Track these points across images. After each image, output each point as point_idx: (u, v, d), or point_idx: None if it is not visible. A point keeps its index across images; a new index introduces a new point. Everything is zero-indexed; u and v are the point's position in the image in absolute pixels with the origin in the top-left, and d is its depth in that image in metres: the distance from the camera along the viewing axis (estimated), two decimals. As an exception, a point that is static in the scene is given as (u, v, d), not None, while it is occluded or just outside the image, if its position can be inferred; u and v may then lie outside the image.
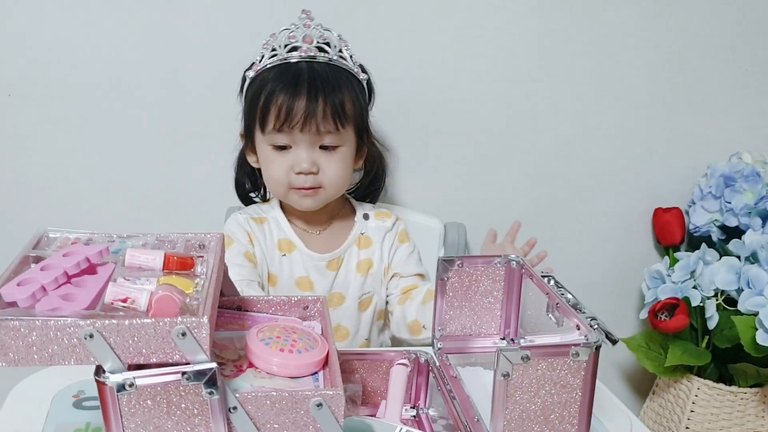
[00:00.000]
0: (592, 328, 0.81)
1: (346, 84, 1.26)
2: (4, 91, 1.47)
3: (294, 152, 1.26)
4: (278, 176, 1.28)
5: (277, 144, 1.26)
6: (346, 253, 1.37)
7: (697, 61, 1.72)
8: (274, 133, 1.24)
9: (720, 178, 1.69)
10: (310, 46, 1.24)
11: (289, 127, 1.22)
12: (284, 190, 1.29)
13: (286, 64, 1.24)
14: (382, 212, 1.42)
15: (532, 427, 0.80)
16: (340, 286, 1.36)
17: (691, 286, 1.63)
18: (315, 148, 1.26)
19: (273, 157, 1.27)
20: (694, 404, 1.68)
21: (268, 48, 1.26)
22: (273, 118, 1.22)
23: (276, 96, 1.22)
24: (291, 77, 1.22)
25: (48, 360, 0.66)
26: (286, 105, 1.21)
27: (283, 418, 0.73)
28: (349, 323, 1.37)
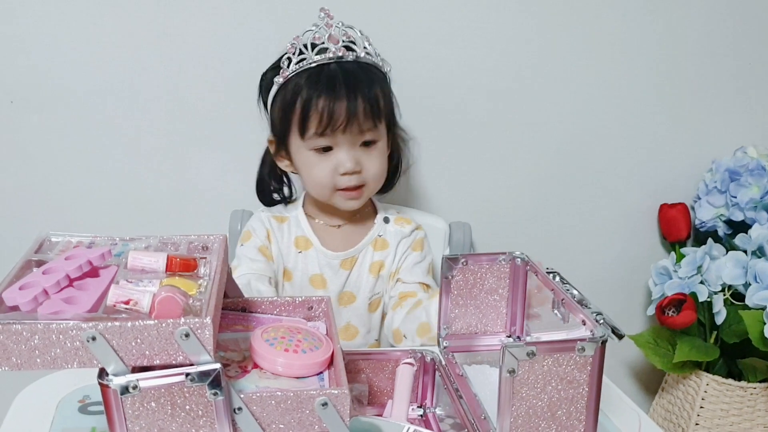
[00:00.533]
0: (598, 322, 0.81)
1: (376, 80, 1.26)
2: (6, 97, 1.47)
3: (336, 153, 1.26)
4: (323, 179, 1.27)
5: (319, 147, 1.26)
6: (360, 253, 1.36)
7: (700, 56, 1.71)
8: (315, 137, 1.24)
9: (725, 173, 1.69)
10: (337, 46, 1.23)
11: (332, 131, 1.22)
12: (329, 192, 1.29)
13: (317, 67, 1.23)
14: (403, 218, 1.42)
15: (539, 423, 0.80)
16: (352, 285, 1.35)
17: (698, 281, 1.62)
18: (356, 146, 1.27)
19: (316, 161, 1.27)
20: (704, 400, 1.67)
21: (294, 51, 1.24)
22: (314, 124, 1.22)
23: (315, 101, 1.21)
24: (326, 80, 1.22)
25: (51, 363, 0.66)
26: (328, 109, 1.21)
27: (289, 418, 0.73)
28: (358, 322, 1.37)
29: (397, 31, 1.55)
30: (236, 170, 1.54)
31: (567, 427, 0.81)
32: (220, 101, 1.54)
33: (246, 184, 1.51)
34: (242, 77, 1.50)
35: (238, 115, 1.53)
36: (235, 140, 1.55)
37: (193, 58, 1.51)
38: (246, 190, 1.54)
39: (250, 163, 1.43)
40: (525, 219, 1.74)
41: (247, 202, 1.54)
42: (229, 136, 1.55)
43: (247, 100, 1.48)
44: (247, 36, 1.51)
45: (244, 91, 1.51)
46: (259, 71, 1.43)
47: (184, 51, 1.50)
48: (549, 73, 1.65)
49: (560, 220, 1.76)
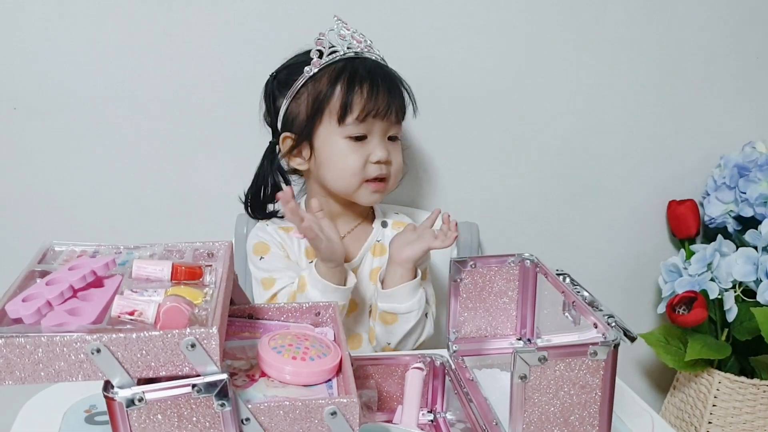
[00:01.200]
0: (610, 326, 0.79)
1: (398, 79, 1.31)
2: (9, 104, 1.47)
3: (369, 143, 1.27)
4: (356, 167, 1.27)
5: (355, 135, 1.26)
6: (361, 260, 1.35)
7: (706, 50, 1.70)
8: (356, 123, 1.25)
9: (734, 169, 1.67)
10: (361, 45, 1.27)
11: (373, 116, 1.25)
12: (357, 183, 1.29)
13: (350, 59, 1.26)
14: (400, 222, 1.41)
15: (552, 429, 0.79)
16: (355, 293, 1.33)
17: (708, 278, 1.61)
18: (385, 138, 1.29)
19: (350, 149, 1.26)
20: (716, 398, 1.65)
21: (324, 45, 1.25)
22: (358, 107, 1.24)
23: (359, 86, 1.23)
24: (365, 69, 1.25)
25: (55, 377, 0.65)
26: (372, 94, 1.24)
27: (297, 428, 0.72)
28: (363, 329, 1.35)
29: (400, 31, 1.54)
30: (241, 173, 1.52)
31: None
32: (223, 104, 1.53)
33: (251, 187, 1.51)
34: (244, 80, 1.49)
35: (241, 117, 1.52)
36: (239, 143, 1.54)
37: (195, 61, 1.50)
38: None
39: (254, 166, 1.42)
40: (532, 218, 1.73)
41: (253, 206, 1.53)
42: (233, 139, 1.54)
43: (249, 102, 1.47)
44: (249, 38, 1.50)
45: (246, 93, 1.50)
46: (262, 73, 1.42)
47: (186, 54, 1.49)
48: (553, 71, 1.64)
49: (568, 219, 1.75)
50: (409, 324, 1.26)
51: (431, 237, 1.24)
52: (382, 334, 1.29)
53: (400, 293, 1.24)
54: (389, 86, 1.26)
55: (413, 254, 1.23)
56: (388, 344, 1.29)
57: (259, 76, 1.46)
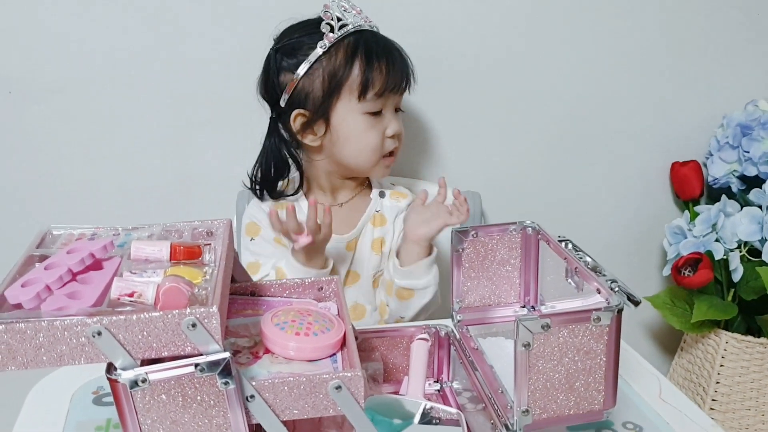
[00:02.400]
0: (613, 291, 0.79)
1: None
2: (4, 88, 1.46)
3: (384, 118, 1.29)
4: (376, 143, 1.28)
5: (373, 111, 1.26)
6: (361, 232, 1.35)
7: (706, 8, 1.67)
8: (374, 99, 1.25)
9: (737, 128, 1.66)
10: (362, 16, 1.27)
11: (391, 90, 1.26)
12: (377, 158, 1.30)
13: (359, 32, 1.25)
14: (398, 192, 1.40)
15: (557, 395, 0.78)
16: (355, 264, 1.34)
17: (713, 239, 1.60)
18: (395, 112, 1.31)
19: (368, 125, 1.27)
20: (724, 358, 1.65)
21: (332, 19, 1.23)
22: (378, 82, 1.24)
23: (376, 61, 1.23)
24: (377, 44, 1.25)
25: (57, 361, 0.65)
26: (388, 69, 1.24)
27: (303, 403, 0.72)
28: (365, 300, 1.36)
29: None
30: (240, 151, 1.52)
31: (586, 398, 0.79)
32: (220, 83, 1.52)
33: (250, 164, 1.50)
34: (240, 57, 1.48)
35: (238, 95, 1.50)
36: (237, 121, 1.53)
37: (190, 40, 1.48)
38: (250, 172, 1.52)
39: (254, 143, 1.41)
40: (535, 185, 1.72)
41: (254, 182, 1.53)
42: (231, 117, 1.53)
43: (245, 80, 1.45)
44: (243, 15, 1.48)
45: (242, 70, 1.48)
46: (257, 50, 1.41)
47: (181, 34, 1.48)
48: (554, 37, 1.62)
49: (571, 185, 1.74)
50: (426, 299, 1.27)
51: (446, 214, 1.24)
52: (396, 309, 1.30)
53: (417, 270, 1.25)
54: (401, 59, 1.27)
55: (430, 232, 1.24)
56: (401, 318, 1.30)
57: (255, 53, 1.45)
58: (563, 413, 0.80)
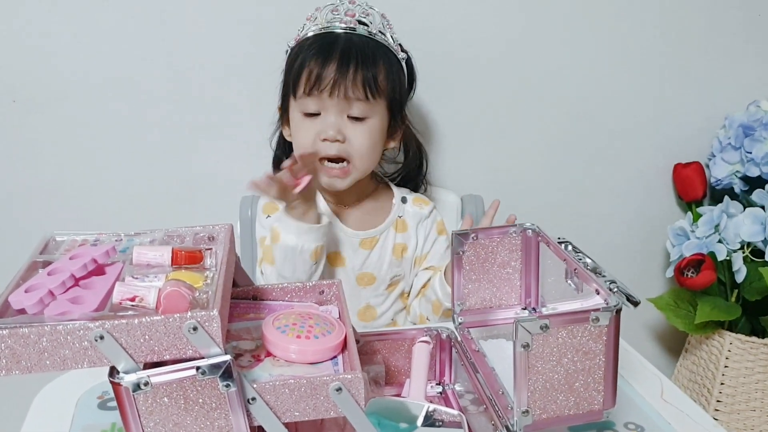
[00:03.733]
0: (612, 291, 0.79)
1: (383, 57, 1.26)
2: (8, 97, 1.47)
3: (322, 119, 1.25)
4: (306, 143, 1.26)
5: (307, 111, 1.25)
6: (382, 234, 1.36)
7: (707, 8, 1.68)
8: (304, 98, 1.24)
9: (739, 129, 1.66)
10: (352, 19, 1.25)
11: (318, 91, 1.22)
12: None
13: (326, 33, 1.24)
14: (420, 198, 1.41)
15: (557, 396, 0.79)
16: (372, 266, 1.34)
17: (716, 240, 1.61)
18: (343, 116, 1.25)
19: (302, 124, 1.26)
20: (728, 359, 1.65)
21: (311, 20, 1.26)
22: (304, 82, 1.23)
23: (309, 60, 1.22)
24: (327, 45, 1.23)
25: (61, 365, 0.65)
26: (317, 68, 1.21)
27: (303, 405, 0.73)
28: (377, 302, 1.36)
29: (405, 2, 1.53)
30: (243, 156, 1.53)
31: (585, 398, 0.80)
32: (223, 88, 1.52)
33: (254, 169, 1.50)
34: (242, 62, 1.49)
35: (242, 100, 1.52)
36: (240, 126, 1.54)
37: (193, 46, 1.49)
38: (255, 176, 1.53)
39: (257, 148, 1.43)
40: (538, 188, 1.72)
41: (257, 188, 1.53)
42: (235, 122, 1.54)
43: (250, 85, 1.47)
44: (245, 19, 1.49)
45: (245, 76, 1.50)
46: (260, 55, 1.42)
47: (184, 40, 1.49)
48: (554, 37, 1.63)
49: (573, 187, 1.74)
50: None
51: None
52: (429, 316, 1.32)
53: None
54: (347, 61, 1.21)
55: None
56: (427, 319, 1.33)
57: (258, 58, 1.47)
58: (563, 414, 0.80)
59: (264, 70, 1.49)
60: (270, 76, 1.46)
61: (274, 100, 1.39)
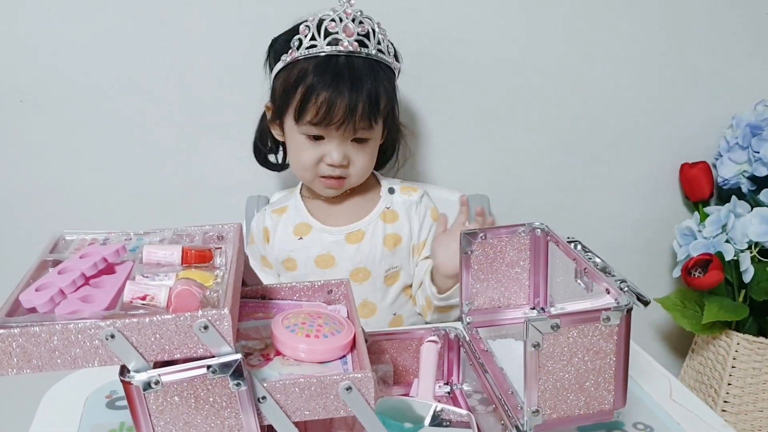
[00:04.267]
0: (622, 290, 0.79)
1: (383, 79, 1.26)
2: (16, 97, 1.47)
3: (327, 144, 1.26)
4: (308, 164, 1.29)
5: (311, 134, 1.26)
6: (369, 226, 1.36)
7: (715, 8, 1.67)
8: (309, 126, 1.24)
9: (746, 128, 1.65)
10: (350, 39, 1.22)
11: (327, 125, 1.23)
12: (311, 177, 1.31)
13: (327, 57, 1.22)
14: (408, 186, 1.42)
15: (567, 396, 0.79)
16: (364, 260, 1.34)
17: (723, 240, 1.60)
18: (347, 141, 1.27)
19: (305, 146, 1.28)
20: (735, 360, 1.65)
21: (307, 34, 1.22)
22: (311, 114, 1.22)
23: (317, 92, 1.21)
24: (332, 75, 1.21)
25: (71, 363, 0.65)
26: (327, 104, 1.21)
27: (314, 404, 0.73)
28: (375, 298, 1.36)
29: (406, 2, 1.53)
30: (249, 156, 1.53)
31: (596, 398, 0.80)
32: (229, 88, 1.52)
33: (260, 169, 1.51)
34: (245, 61, 1.49)
35: (247, 99, 1.52)
36: (245, 125, 1.53)
37: (196, 46, 1.49)
38: (261, 175, 1.53)
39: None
40: (544, 187, 1.72)
41: (263, 188, 1.54)
42: (240, 121, 1.54)
43: (255, 84, 1.46)
44: (247, 19, 1.49)
45: (248, 74, 1.50)
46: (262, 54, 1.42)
47: (187, 40, 1.49)
48: (560, 37, 1.62)
49: (579, 186, 1.74)
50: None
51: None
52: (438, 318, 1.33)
53: (455, 292, 1.26)
54: (356, 95, 1.21)
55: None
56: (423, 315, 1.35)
57: (260, 57, 1.46)
58: (573, 413, 0.80)
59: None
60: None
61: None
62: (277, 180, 1.56)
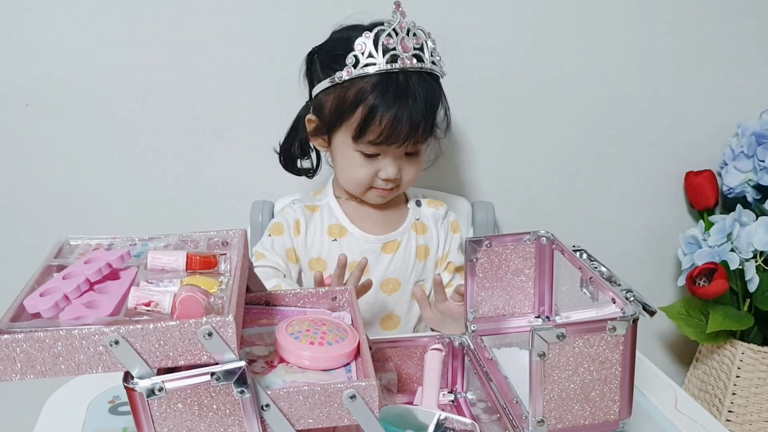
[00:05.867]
0: (628, 300, 0.79)
1: (437, 94, 1.26)
2: (22, 101, 1.47)
3: (382, 160, 1.26)
4: (363, 180, 1.28)
5: (368, 152, 1.25)
6: (403, 237, 1.36)
7: (721, 16, 1.67)
8: (368, 145, 1.23)
9: (751, 137, 1.65)
10: (407, 54, 1.20)
11: (388, 144, 1.22)
12: (363, 190, 1.31)
13: (385, 75, 1.20)
14: (434, 200, 1.43)
15: (572, 406, 0.78)
16: (396, 271, 1.34)
17: (728, 249, 1.60)
18: (401, 156, 1.27)
19: (360, 162, 1.26)
20: (740, 369, 1.64)
21: (363, 51, 1.19)
22: (374, 134, 1.21)
23: (380, 113, 1.19)
24: (393, 95, 1.19)
25: (75, 369, 0.65)
26: (391, 125, 1.20)
27: (317, 412, 0.72)
28: (401, 311, 1.36)
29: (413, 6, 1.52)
30: (254, 161, 1.53)
31: (601, 408, 0.79)
32: (235, 93, 1.52)
33: (265, 174, 1.51)
34: (254, 67, 1.49)
35: (253, 105, 1.52)
36: (251, 131, 1.54)
37: (204, 51, 1.50)
38: (265, 181, 1.53)
39: (268, 153, 1.42)
40: (549, 194, 1.72)
41: (268, 193, 1.53)
42: (246, 127, 1.54)
43: (260, 89, 1.47)
44: (259, 27, 1.49)
45: (256, 81, 1.50)
46: (270, 60, 1.42)
47: (195, 46, 1.49)
48: (567, 44, 1.62)
49: (585, 194, 1.73)
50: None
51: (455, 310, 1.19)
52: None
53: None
54: (418, 112, 1.21)
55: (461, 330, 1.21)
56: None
57: (268, 63, 1.47)
58: (578, 423, 0.79)
59: (274, 75, 1.50)
60: (282, 81, 1.47)
61: (284, 104, 1.38)
62: (282, 185, 1.55)
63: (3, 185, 1.51)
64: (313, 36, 1.34)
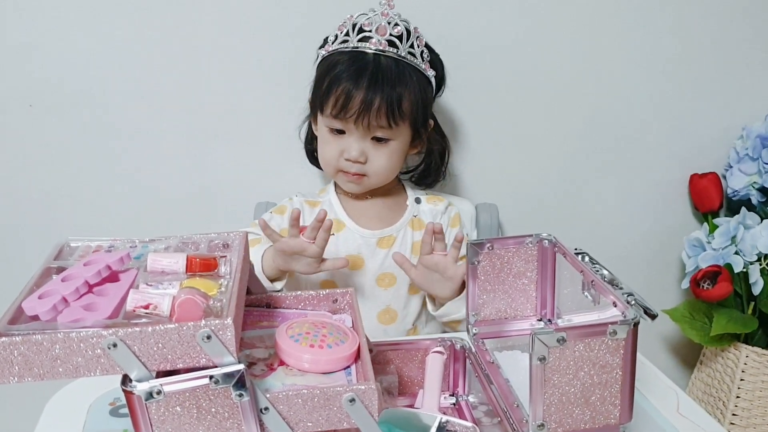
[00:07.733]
0: (629, 304, 0.79)
1: (409, 81, 1.27)
2: (25, 102, 1.47)
3: (347, 139, 1.29)
4: (329, 158, 1.32)
5: (333, 128, 1.29)
6: (399, 233, 1.37)
7: (726, 18, 1.66)
8: (330, 118, 1.27)
9: (756, 139, 1.64)
10: (381, 38, 1.25)
11: (343, 117, 1.25)
12: (333, 171, 1.34)
13: (357, 52, 1.26)
14: (434, 197, 1.44)
15: (572, 410, 0.78)
16: (392, 266, 1.34)
17: (732, 251, 1.59)
18: (367, 138, 1.29)
19: (328, 139, 1.31)
20: (744, 372, 1.63)
21: (342, 30, 1.27)
22: (331, 105, 1.25)
23: (338, 84, 1.24)
24: (356, 68, 1.24)
25: (73, 372, 0.65)
26: (344, 96, 1.23)
27: (317, 416, 0.72)
28: (398, 305, 1.36)
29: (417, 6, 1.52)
30: (258, 163, 1.53)
31: (602, 412, 0.79)
32: (238, 95, 1.52)
33: (268, 175, 1.51)
34: (257, 69, 1.49)
35: (255, 107, 1.52)
36: (254, 133, 1.53)
37: (207, 53, 1.49)
38: (269, 182, 1.53)
39: (271, 154, 1.42)
40: (553, 197, 1.71)
41: (271, 194, 1.53)
42: (249, 129, 1.54)
43: (263, 91, 1.46)
44: (262, 29, 1.49)
45: (261, 84, 1.50)
46: (273, 62, 1.42)
47: (198, 46, 1.49)
48: (571, 47, 1.61)
49: (588, 197, 1.73)
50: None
51: (450, 262, 1.21)
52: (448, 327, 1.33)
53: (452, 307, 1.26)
54: (376, 92, 1.23)
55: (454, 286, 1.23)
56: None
57: (273, 65, 1.46)
58: (579, 428, 0.79)
59: (279, 76, 1.49)
60: (284, 82, 1.47)
61: (288, 106, 1.40)
62: (286, 187, 1.55)
63: (6, 186, 1.51)
64: (317, 37, 1.35)
